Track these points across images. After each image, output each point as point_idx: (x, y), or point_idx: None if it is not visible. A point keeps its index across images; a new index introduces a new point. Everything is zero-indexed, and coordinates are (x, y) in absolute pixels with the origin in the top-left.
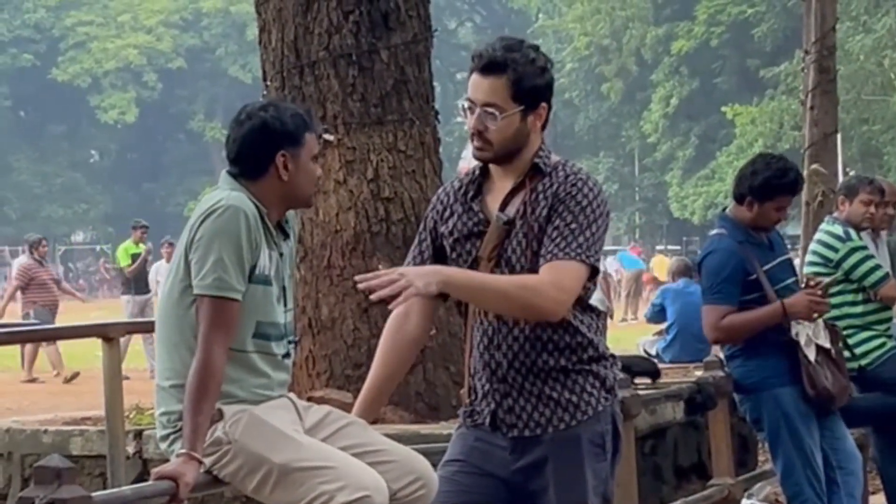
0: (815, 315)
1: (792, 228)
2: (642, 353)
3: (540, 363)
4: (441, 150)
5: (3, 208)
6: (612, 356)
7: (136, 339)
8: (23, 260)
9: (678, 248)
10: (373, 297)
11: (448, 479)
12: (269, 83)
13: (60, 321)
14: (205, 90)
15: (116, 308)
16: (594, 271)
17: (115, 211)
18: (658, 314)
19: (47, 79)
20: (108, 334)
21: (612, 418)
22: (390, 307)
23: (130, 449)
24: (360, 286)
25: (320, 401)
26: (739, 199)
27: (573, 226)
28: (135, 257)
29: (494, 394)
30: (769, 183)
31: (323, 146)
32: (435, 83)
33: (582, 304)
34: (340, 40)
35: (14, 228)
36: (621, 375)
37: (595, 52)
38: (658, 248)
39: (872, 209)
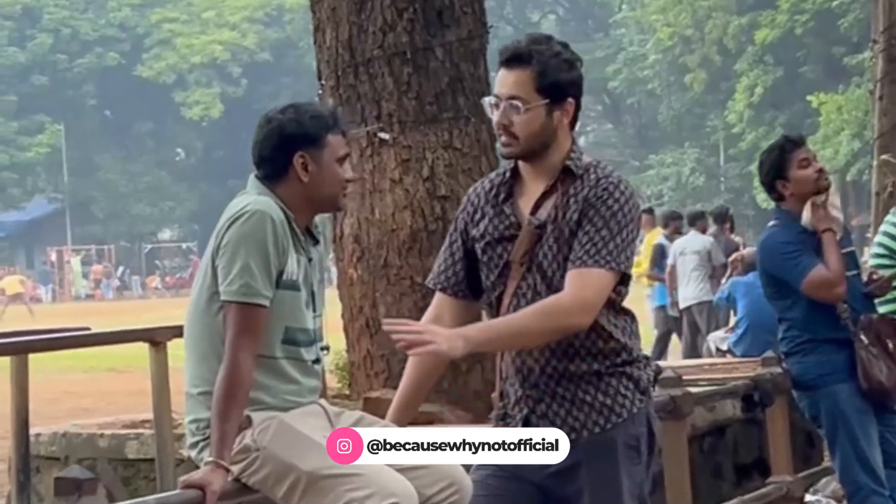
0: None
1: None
2: (713, 350)
3: (573, 368)
4: (496, 147)
5: (90, 207)
6: (646, 357)
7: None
8: None
9: None
10: (398, 346)
11: (481, 483)
12: (324, 82)
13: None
14: (288, 87)
15: None
16: (624, 277)
17: (201, 208)
18: (726, 304)
19: (132, 77)
20: (155, 339)
21: (647, 420)
22: (409, 353)
23: (185, 452)
24: (386, 328)
25: (377, 401)
26: (776, 195)
27: (603, 232)
28: None
29: (527, 399)
30: (773, 159)
31: (378, 145)
32: None
33: (615, 307)
34: (395, 38)
35: (101, 227)
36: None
37: (678, 43)
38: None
39: None
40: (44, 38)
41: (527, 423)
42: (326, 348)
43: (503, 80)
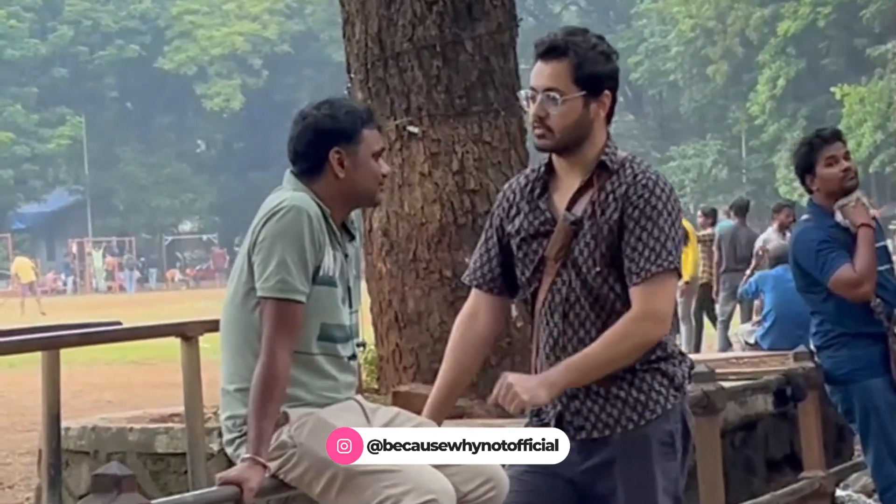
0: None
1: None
2: (742, 344)
3: None
4: (527, 140)
5: (111, 199)
6: (681, 353)
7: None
8: None
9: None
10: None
11: (515, 479)
12: (353, 75)
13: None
14: (309, 78)
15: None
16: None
17: (222, 200)
18: (750, 297)
19: (153, 68)
20: (187, 333)
21: (682, 416)
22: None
23: (215, 446)
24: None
25: (406, 395)
26: (806, 187)
27: (655, 233)
28: None
29: (561, 396)
30: (802, 154)
31: (407, 138)
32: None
33: None
34: (424, 31)
35: (121, 219)
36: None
37: (700, 35)
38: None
39: None
40: (65, 30)
41: (559, 419)
42: (362, 344)
43: (540, 73)
